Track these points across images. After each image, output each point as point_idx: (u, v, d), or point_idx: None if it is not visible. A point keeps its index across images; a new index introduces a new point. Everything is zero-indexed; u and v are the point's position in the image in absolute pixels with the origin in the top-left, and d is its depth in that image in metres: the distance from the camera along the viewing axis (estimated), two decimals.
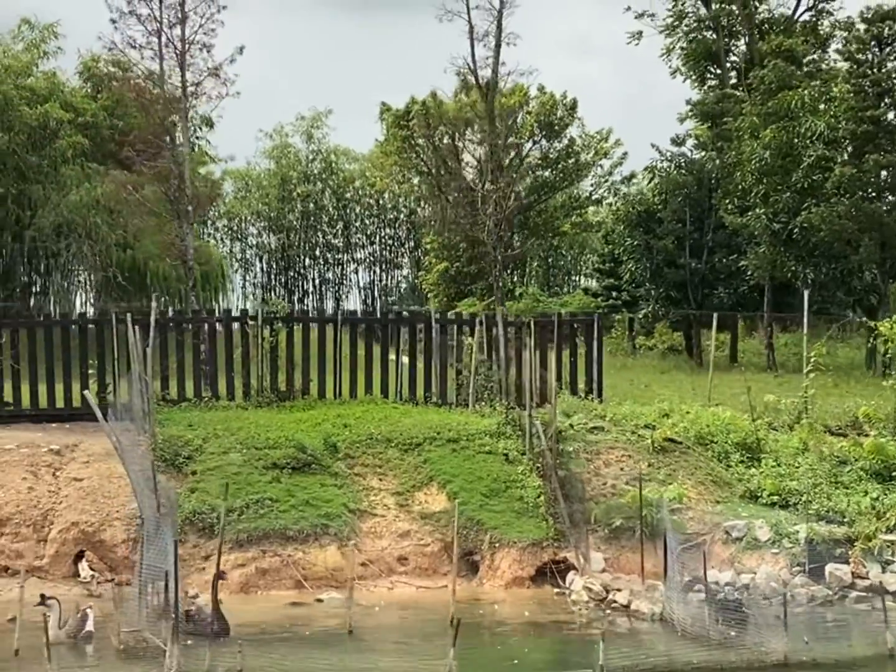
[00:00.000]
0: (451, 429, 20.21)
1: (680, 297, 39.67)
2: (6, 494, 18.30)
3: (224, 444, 19.64)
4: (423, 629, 15.22)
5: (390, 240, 79.32)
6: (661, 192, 39.76)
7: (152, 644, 13.53)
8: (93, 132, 48.51)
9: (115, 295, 45.51)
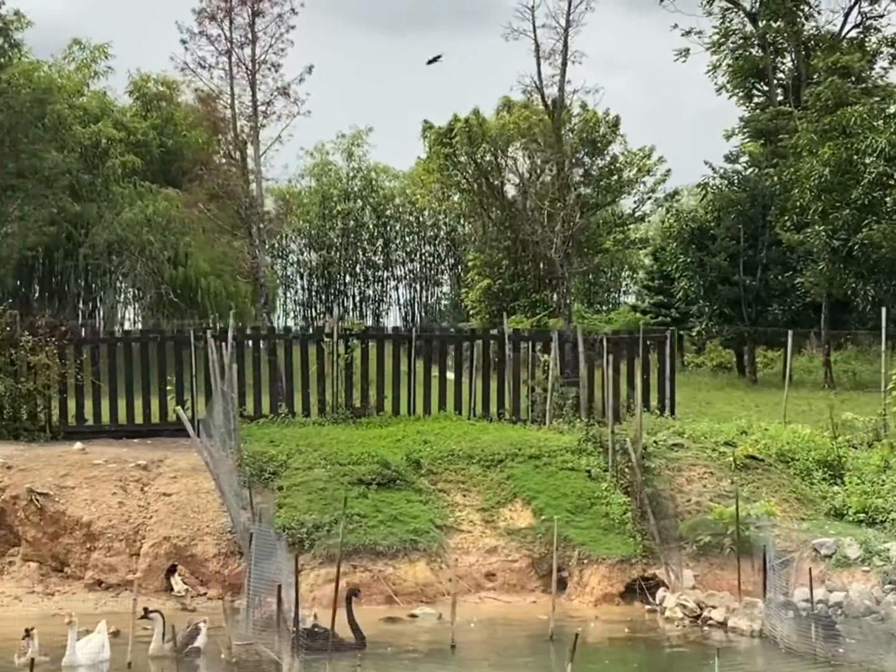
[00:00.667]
0: (532, 445, 20.32)
1: (734, 314, 39.65)
2: (98, 509, 18.51)
3: (308, 459, 19.79)
4: (522, 644, 15.35)
5: (430, 257, 79.53)
6: (715, 209, 39.78)
7: (265, 657, 13.67)
8: (143, 151, 48.96)
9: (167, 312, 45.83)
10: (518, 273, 58.86)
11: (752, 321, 39.26)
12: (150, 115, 50.92)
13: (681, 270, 40.94)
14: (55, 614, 16.78)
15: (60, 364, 21.96)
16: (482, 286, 60.46)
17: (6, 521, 18.66)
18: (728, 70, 53.09)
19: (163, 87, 52.21)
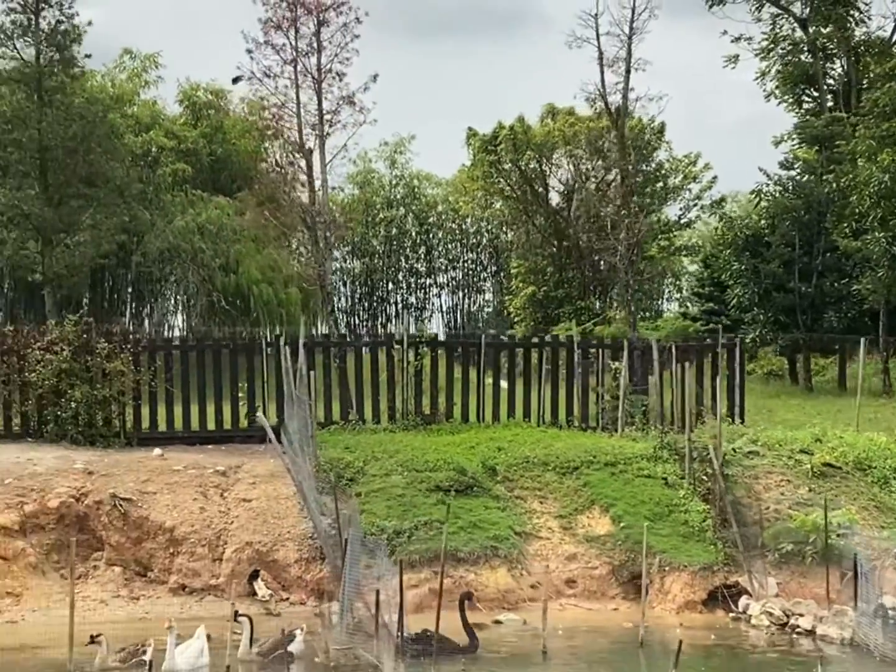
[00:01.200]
0: (607, 453, 20.37)
1: (788, 321, 39.46)
2: (180, 514, 18.68)
3: (385, 466, 19.91)
4: (613, 651, 15.39)
5: (472, 264, 79.53)
6: (769, 215, 39.66)
7: (364, 661, 13.77)
8: (193, 159, 49.27)
9: (219, 319, 46.09)
10: (563, 280, 58.95)
11: (808, 328, 39.05)
12: (200, 124, 51.27)
13: (734, 278, 40.77)
14: (142, 618, 17.01)
15: (134, 371, 22.11)
16: (527, 293, 60.52)
17: (89, 525, 18.84)
18: (777, 76, 53.00)
19: (212, 96, 52.66)
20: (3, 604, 17.31)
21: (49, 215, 27.41)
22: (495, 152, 58.42)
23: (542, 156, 58.96)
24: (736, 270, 40.59)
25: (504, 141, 57.71)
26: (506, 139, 57.60)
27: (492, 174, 60.18)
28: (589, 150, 58.65)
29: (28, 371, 21.75)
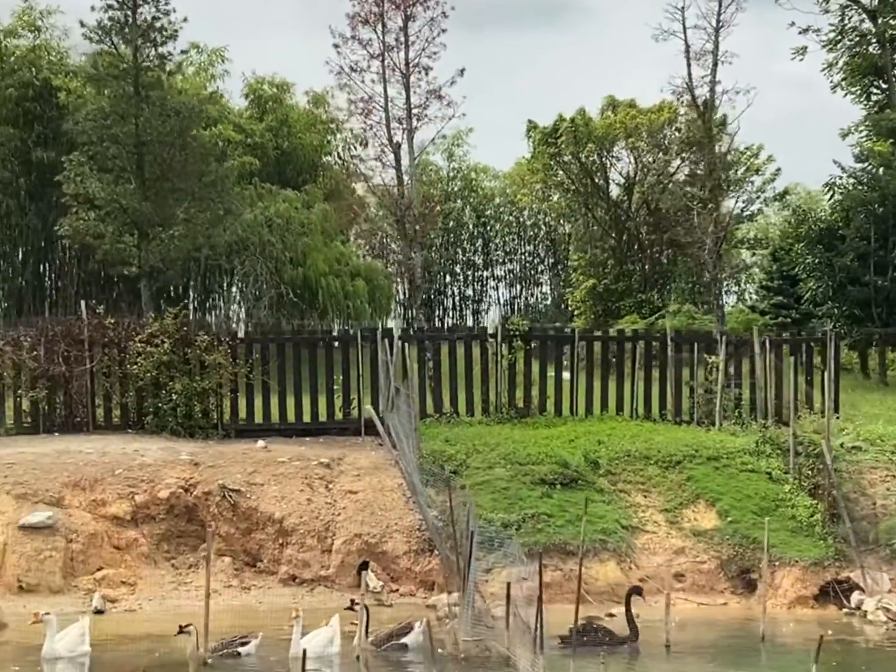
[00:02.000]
0: (708, 447, 20.40)
1: (863, 315, 39.18)
2: (288, 506, 18.87)
3: (487, 459, 20.03)
4: (734, 645, 15.45)
5: (530, 256, 79.52)
6: (843, 208, 39.39)
7: (496, 653, 13.87)
8: (259, 153, 49.49)
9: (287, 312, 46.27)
10: (623, 273, 58.77)
11: (884, 322, 38.77)
12: (265, 118, 51.49)
13: (808, 271, 40.52)
14: (256, 608, 17.18)
15: (232, 363, 22.30)
16: (587, 286, 60.31)
17: (198, 516, 19.06)
18: (845, 68, 52.57)
19: (276, 90, 52.87)
20: (118, 593, 17.56)
21: (146, 209, 27.69)
22: (555, 145, 58.21)
23: (602, 148, 58.80)
24: (809, 264, 40.32)
25: (565, 133, 57.53)
26: (567, 132, 57.41)
27: (551, 166, 59.97)
28: (650, 142, 58.58)
29: (129, 363, 21.97)
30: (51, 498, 18.49)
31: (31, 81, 44.58)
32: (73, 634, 14.69)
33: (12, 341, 21.97)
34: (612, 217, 60.53)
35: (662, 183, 59.74)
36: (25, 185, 44.33)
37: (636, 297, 57.00)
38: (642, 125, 58.77)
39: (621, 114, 59.86)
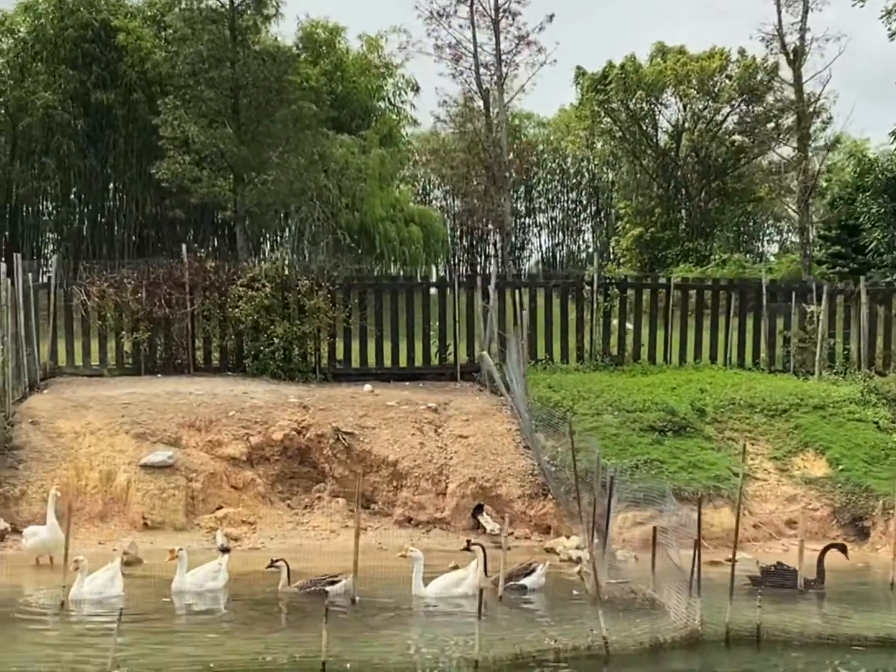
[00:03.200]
0: (812, 396, 20.56)
1: None
2: (401, 449, 19.09)
3: (594, 405, 20.20)
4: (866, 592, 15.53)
5: (573, 204, 79.43)
6: None
7: (642, 596, 14.08)
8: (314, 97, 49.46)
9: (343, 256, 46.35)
10: (670, 221, 58.65)
11: None
12: (320, 62, 51.24)
13: (873, 221, 40.49)
14: (377, 548, 17.36)
15: (331, 307, 22.45)
16: (633, 234, 60.23)
17: (310, 458, 19.31)
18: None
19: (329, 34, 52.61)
20: (240, 531, 17.80)
21: (243, 153, 27.77)
22: (604, 91, 57.94)
23: (651, 95, 58.52)
24: (875, 214, 40.28)
25: (615, 80, 57.31)
26: (616, 78, 57.19)
27: (599, 114, 59.68)
28: (701, 89, 58.33)
29: (230, 307, 22.14)
30: (168, 438, 18.75)
31: (89, 22, 44.63)
32: (206, 570, 14.97)
33: (115, 283, 22.13)
34: (660, 165, 60.33)
35: (712, 130, 59.51)
36: (84, 126, 44.45)
37: (683, 245, 56.94)
38: (693, 72, 58.40)
39: (671, 60, 59.47)
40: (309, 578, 14.92)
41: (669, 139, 60.23)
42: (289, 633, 12.66)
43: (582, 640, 11.98)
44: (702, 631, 12.54)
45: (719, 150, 58.63)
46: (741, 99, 58.10)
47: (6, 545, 16.78)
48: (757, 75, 57.71)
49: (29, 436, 18.45)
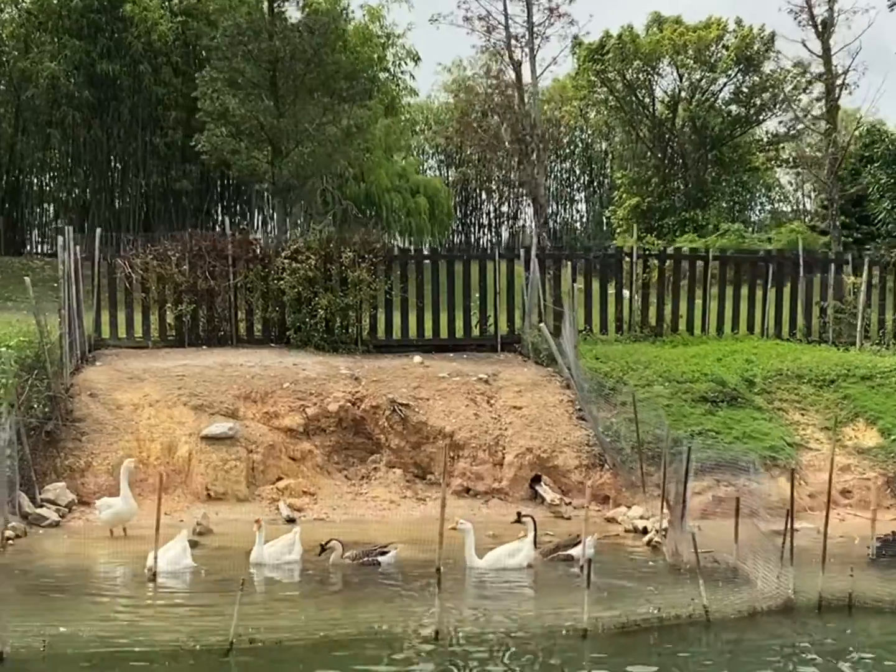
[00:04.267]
0: (858, 366, 20.77)
1: None
2: (457, 420, 19.24)
3: (643, 376, 20.39)
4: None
5: (566, 174, 79.45)
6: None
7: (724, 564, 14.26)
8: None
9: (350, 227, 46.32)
10: (667, 191, 58.79)
11: None
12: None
13: (881, 191, 40.67)
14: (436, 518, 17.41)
15: (374, 279, 22.52)
16: (630, 204, 60.33)
17: (365, 429, 19.44)
18: None
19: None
20: (302, 502, 17.94)
21: (283, 125, 27.71)
22: (602, 62, 57.87)
23: (648, 65, 58.58)
24: (883, 184, 40.46)
25: (612, 50, 57.26)
26: (614, 49, 57.16)
27: (595, 84, 59.66)
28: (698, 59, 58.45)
29: (273, 279, 22.19)
30: (226, 410, 18.85)
31: None
32: (282, 543, 15.07)
33: (159, 256, 22.14)
34: (656, 135, 60.40)
35: (709, 100, 59.68)
36: (89, 97, 44.24)
37: (679, 215, 57.05)
38: (690, 42, 58.49)
39: (668, 30, 59.51)
40: (361, 549, 15.01)
41: (666, 109, 60.23)
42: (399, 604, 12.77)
43: (683, 608, 12.11)
44: (795, 599, 12.69)
45: (716, 120, 58.71)
46: (738, 69, 58.29)
47: (74, 516, 16.90)
48: (754, 45, 58.02)
49: (89, 408, 18.53)
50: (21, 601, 12.21)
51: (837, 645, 11.66)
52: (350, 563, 14.75)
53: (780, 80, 60.27)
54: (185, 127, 44.62)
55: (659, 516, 16.57)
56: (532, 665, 10.75)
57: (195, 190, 46.49)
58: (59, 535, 16.03)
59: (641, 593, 13.24)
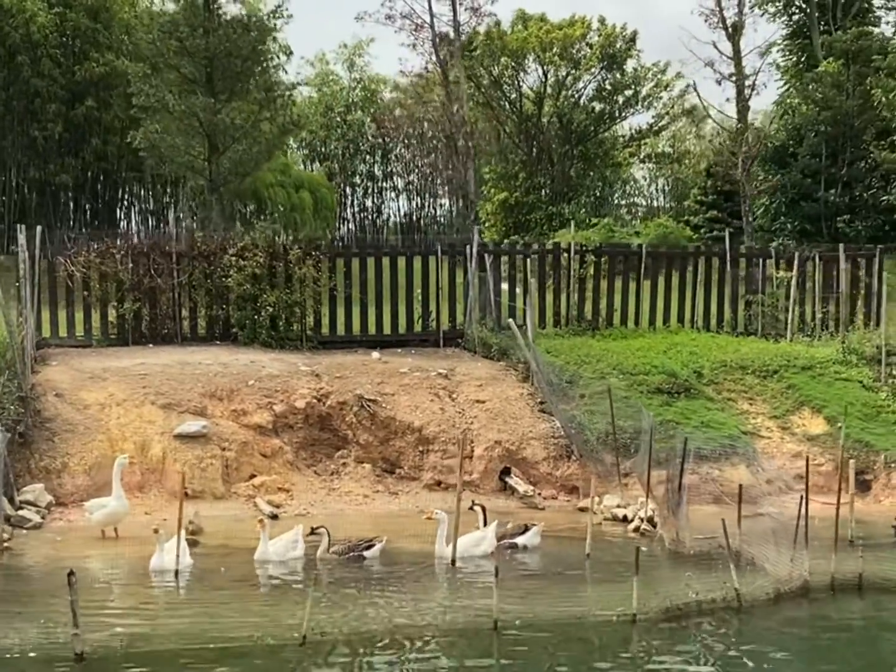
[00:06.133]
0: (797, 357, 21.69)
1: (813, 230, 41.16)
2: (424, 415, 19.54)
3: (597, 369, 20.99)
4: None
5: (429, 169, 79.84)
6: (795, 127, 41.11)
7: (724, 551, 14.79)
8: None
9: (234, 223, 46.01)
10: (533, 186, 59.73)
11: (832, 237, 40.69)
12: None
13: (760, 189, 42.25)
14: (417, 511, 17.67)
15: (319, 276, 22.61)
16: (499, 198, 61.09)
17: (331, 425, 19.57)
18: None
19: None
20: (279, 498, 18.00)
21: (219, 121, 27.43)
22: (470, 58, 58.42)
23: (515, 62, 59.41)
24: (762, 181, 42.02)
25: (480, 47, 57.85)
26: (482, 45, 57.77)
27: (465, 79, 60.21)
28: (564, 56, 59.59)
29: (219, 276, 22.10)
30: (194, 408, 18.79)
31: None
32: (286, 540, 15.17)
33: (102, 253, 21.85)
34: (523, 130, 61.26)
35: (574, 97, 60.92)
36: None
37: (546, 210, 58.00)
38: (557, 40, 59.55)
39: (533, 27, 60.43)
40: (346, 544, 15.23)
41: (532, 105, 61.14)
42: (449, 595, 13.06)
43: (717, 592, 12.65)
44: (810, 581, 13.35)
45: (580, 117, 59.91)
46: (601, 66, 59.70)
47: (54, 517, 16.66)
48: (616, 43, 59.56)
49: (57, 408, 18.26)
50: (50, 603, 12.03)
51: (876, 620, 12.32)
52: (336, 558, 14.92)
53: (642, 77, 61.95)
54: (65, 120, 43.85)
55: (639, 504, 17.13)
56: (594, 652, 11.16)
57: (75, 185, 45.72)
58: (46, 537, 15.75)
59: (657, 580, 13.69)
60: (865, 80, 40.46)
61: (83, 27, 43.68)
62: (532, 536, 15.98)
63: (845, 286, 23.65)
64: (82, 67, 43.01)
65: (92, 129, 44.64)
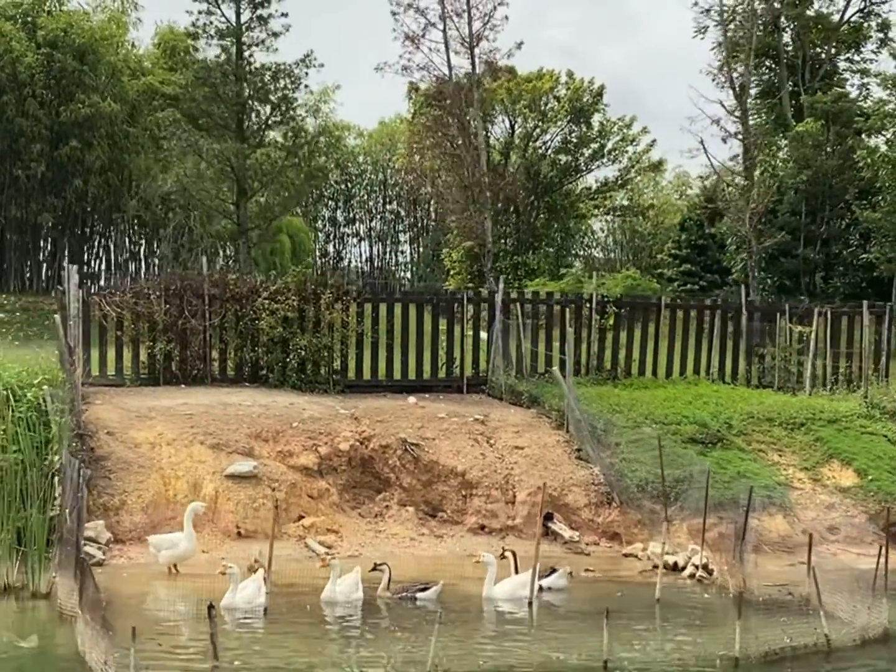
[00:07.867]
0: (822, 410, 22.16)
1: (792, 285, 42.01)
2: (467, 459, 19.79)
3: (630, 417, 21.31)
4: None
5: (392, 215, 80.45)
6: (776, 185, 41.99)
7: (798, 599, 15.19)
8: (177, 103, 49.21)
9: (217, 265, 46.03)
10: (500, 235, 60.30)
11: (811, 293, 41.58)
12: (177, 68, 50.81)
13: (738, 244, 43.10)
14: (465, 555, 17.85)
15: (348, 320, 22.83)
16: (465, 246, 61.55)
17: (373, 467, 19.74)
18: None
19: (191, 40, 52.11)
20: (329, 539, 18.12)
21: (249, 166, 27.59)
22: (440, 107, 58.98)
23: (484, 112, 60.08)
24: (741, 237, 42.87)
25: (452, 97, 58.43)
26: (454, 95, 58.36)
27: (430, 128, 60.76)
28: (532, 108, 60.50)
29: (251, 319, 22.26)
30: (242, 448, 18.90)
31: None
32: (349, 582, 15.33)
33: (137, 294, 21.93)
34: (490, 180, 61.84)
35: (541, 149, 61.80)
36: None
37: (511, 259, 58.57)
38: (526, 92, 60.46)
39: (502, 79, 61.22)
40: (402, 585, 15.46)
41: (500, 156, 61.83)
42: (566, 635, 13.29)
43: (808, 637, 12.98)
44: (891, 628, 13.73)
45: (547, 169, 60.72)
46: (568, 119, 60.68)
47: (114, 554, 16.67)
48: (584, 97, 60.65)
49: (110, 446, 18.31)
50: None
51: None
52: (391, 598, 15.13)
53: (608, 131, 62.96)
54: (49, 160, 43.84)
55: (690, 552, 17.47)
56: None
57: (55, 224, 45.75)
58: (109, 573, 15.75)
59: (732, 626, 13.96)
60: (845, 140, 41.43)
61: (70, 68, 43.65)
62: (557, 579, 16.28)
63: (868, 342, 24.20)
64: (67, 108, 42.97)
65: (75, 170, 44.59)
